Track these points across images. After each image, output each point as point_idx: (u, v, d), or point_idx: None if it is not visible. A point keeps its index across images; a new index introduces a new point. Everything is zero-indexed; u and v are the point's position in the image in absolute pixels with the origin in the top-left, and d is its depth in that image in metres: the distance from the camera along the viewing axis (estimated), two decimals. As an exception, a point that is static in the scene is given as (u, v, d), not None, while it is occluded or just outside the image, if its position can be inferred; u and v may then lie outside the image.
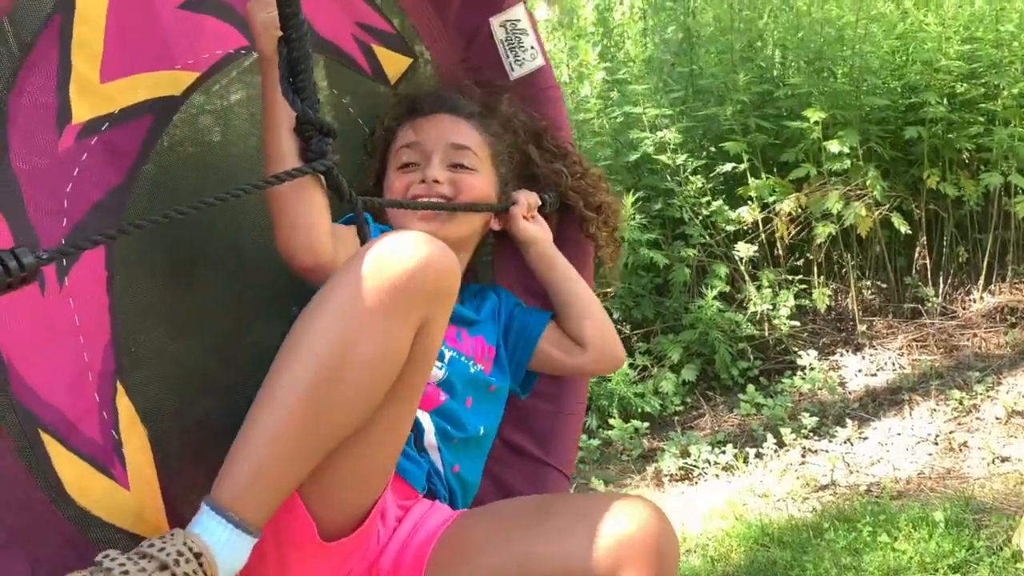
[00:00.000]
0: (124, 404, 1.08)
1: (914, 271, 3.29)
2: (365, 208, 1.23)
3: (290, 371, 0.96)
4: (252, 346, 1.29)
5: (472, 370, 1.38)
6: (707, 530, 2.34)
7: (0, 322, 0.95)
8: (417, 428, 1.29)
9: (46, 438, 0.98)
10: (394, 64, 1.54)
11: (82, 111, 1.05)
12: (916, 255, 3.29)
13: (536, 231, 1.49)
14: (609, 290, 2.97)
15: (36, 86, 1.00)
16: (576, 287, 1.50)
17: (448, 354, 1.34)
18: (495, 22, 1.54)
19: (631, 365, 3.02)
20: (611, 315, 3.11)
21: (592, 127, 3.35)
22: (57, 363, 1.01)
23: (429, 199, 1.38)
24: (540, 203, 1.52)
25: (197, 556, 0.86)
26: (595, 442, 2.85)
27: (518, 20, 1.52)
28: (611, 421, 2.87)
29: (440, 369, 1.33)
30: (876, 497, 2.40)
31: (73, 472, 1.01)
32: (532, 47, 1.56)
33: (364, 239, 1.20)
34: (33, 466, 0.97)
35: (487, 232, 1.51)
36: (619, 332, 3.03)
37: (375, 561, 1.20)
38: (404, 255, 0.98)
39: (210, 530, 0.90)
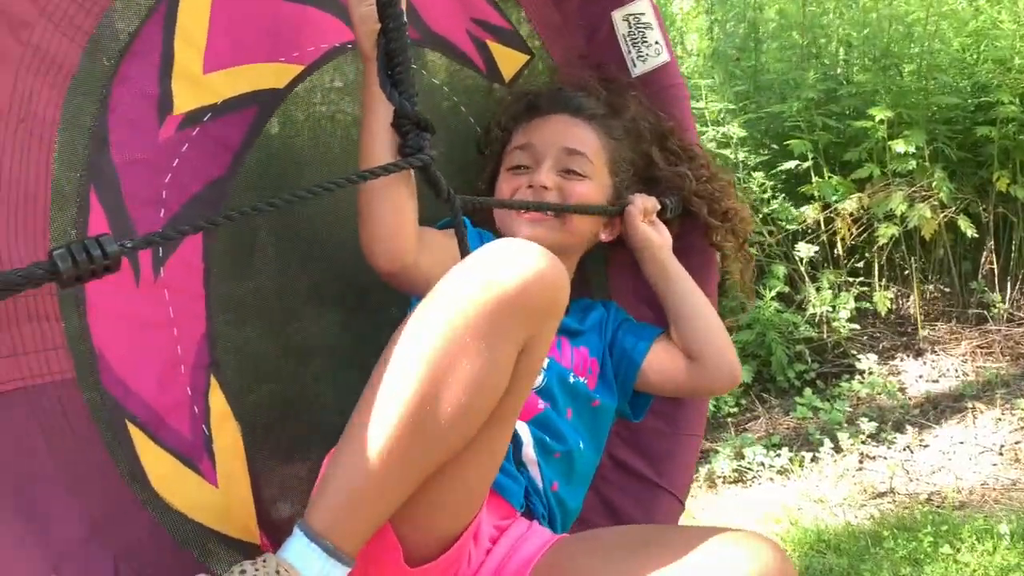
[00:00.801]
0: (217, 399, 1.07)
1: (980, 276, 3.20)
2: (464, 208, 1.18)
3: (389, 392, 0.89)
4: (349, 347, 1.28)
5: (571, 380, 1.31)
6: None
7: (91, 312, 0.95)
8: (515, 440, 1.21)
9: (133, 430, 0.98)
10: (510, 61, 1.48)
11: (184, 101, 1.04)
12: (983, 259, 3.20)
13: (652, 235, 1.39)
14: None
15: (139, 75, 1.00)
16: (691, 297, 1.40)
17: (545, 361, 1.25)
18: (618, 15, 1.46)
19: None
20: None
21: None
22: (148, 355, 1.01)
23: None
24: (660, 207, 1.42)
25: None
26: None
27: (643, 14, 1.44)
28: (664, 420, 2.85)
29: (539, 375, 1.24)
30: (937, 507, 2.35)
31: (158, 466, 1.00)
32: (657, 42, 1.47)
33: (461, 240, 1.16)
34: (119, 458, 0.96)
35: (595, 243, 1.43)
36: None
37: None
38: (513, 268, 0.89)
39: (304, 557, 0.84)
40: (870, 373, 2.94)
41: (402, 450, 0.87)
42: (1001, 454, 2.54)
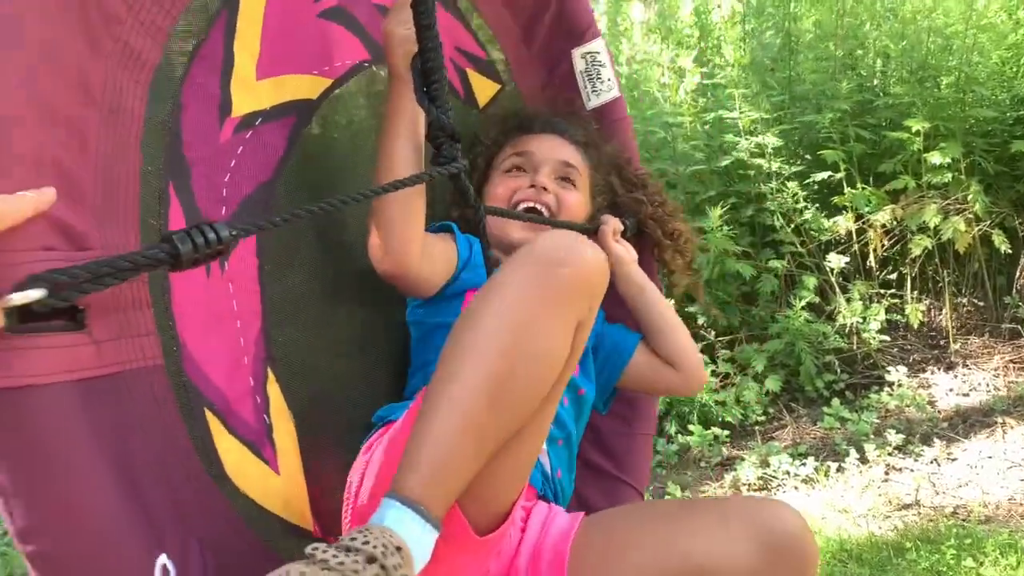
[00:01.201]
0: (274, 391, 1.11)
1: (1015, 290, 3.18)
2: (479, 217, 1.28)
3: (469, 367, 0.93)
4: (381, 346, 1.34)
5: None
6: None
7: (176, 301, 0.98)
8: None
9: (209, 417, 1.01)
10: (485, 89, 1.61)
11: (240, 105, 1.08)
12: (1017, 274, 3.17)
13: (623, 252, 1.52)
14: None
15: (205, 77, 1.04)
16: (666, 311, 1.53)
17: None
18: (577, 53, 1.61)
19: (713, 373, 3.00)
20: (695, 321, 3.11)
21: (685, 131, 3.34)
22: (220, 345, 1.04)
23: (533, 205, 1.43)
24: (623, 228, 1.56)
25: (398, 550, 0.83)
26: (673, 447, 2.85)
27: (598, 52, 1.59)
28: (690, 427, 2.87)
29: None
30: (962, 520, 2.34)
31: (232, 452, 1.03)
32: (609, 79, 1.62)
33: (485, 245, 1.28)
34: (198, 445, 0.99)
35: None
36: (703, 339, 3.05)
37: (512, 560, 1.20)
38: (577, 256, 0.97)
39: (402, 523, 0.86)
40: (899, 385, 2.94)
41: (482, 420, 0.92)
42: (1030, 470, 2.53)
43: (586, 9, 1.64)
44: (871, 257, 3.13)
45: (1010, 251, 3.03)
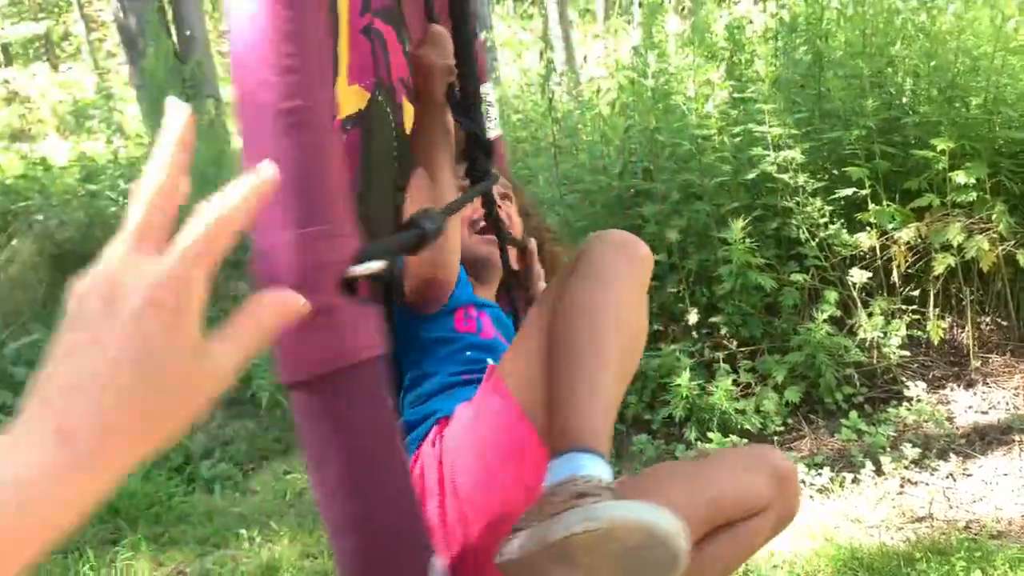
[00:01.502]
0: None
1: (1038, 310, 3.21)
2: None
3: (609, 331, 1.15)
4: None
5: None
6: (796, 548, 2.38)
7: None
8: None
9: None
10: (409, 114, 1.65)
11: (342, 108, 1.14)
12: (1041, 294, 3.20)
13: (540, 270, 1.71)
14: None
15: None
16: None
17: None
18: (484, 88, 1.69)
19: (734, 382, 3.06)
20: (719, 331, 3.18)
21: (713, 143, 3.41)
22: None
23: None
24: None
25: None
26: (692, 454, 2.91)
27: (487, 94, 1.66)
28: (710, 435, 2.93)
29: None
30: (974, 534, 2.38)
31: None
32: (496, 118, 1.70)
33: (503, 251, 1.46)
34: None
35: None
36: (726, 348, 3.10)
37: None
38: (643, 249, 1.21)
39: (596, 467, 1.04)
40: (918, 400, 2.98)
41: (620, 376, 1.16)
42: (1044, 487, 2.57)
43: (480, 46, 1.69)
44: (894, 273, 3.17)
45: (1033, 271, 3.05)
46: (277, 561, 2.62)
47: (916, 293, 3.23)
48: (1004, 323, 3.25)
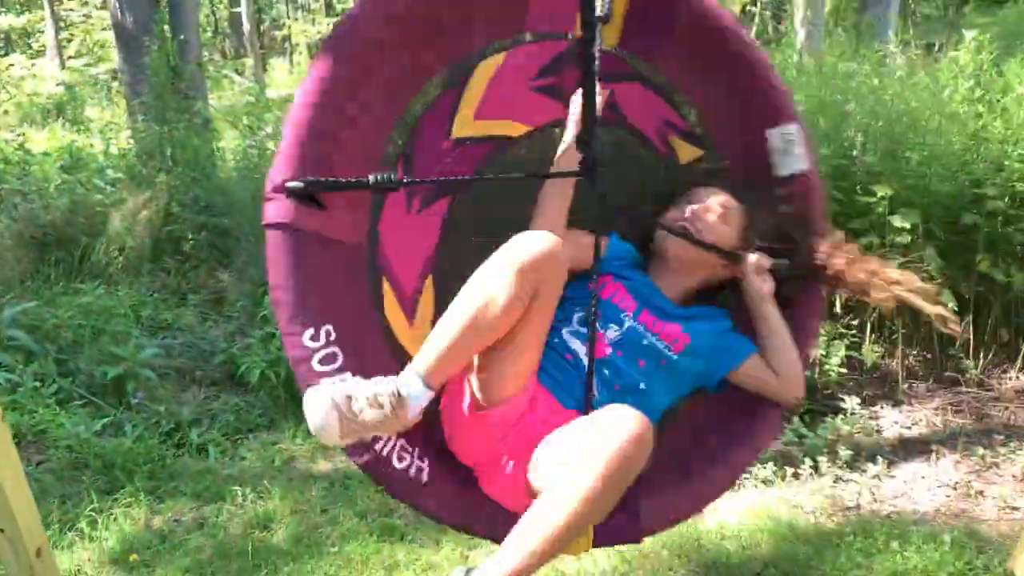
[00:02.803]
0: (427, 285, 1.88)
1: (958, 344, 3.62)
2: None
3: (464, 304, 1.53)
4: None
5: (645, 341, 1.83)
6: (742, 523, 2.70)
7: (385, 214, 1.78)
8: (581, 367, 1.76)
9: (385, 285, 1.78)
10: (686, 151, 2.05)
11: (458, 131, 1.89)
12: (961, 330, 3.61)
13: (759, 284, 1.87)
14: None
15: (437, 116, 1.86)
16: (780, 331, 1.85)
17: (628, 324, 1.84)
18: (773, 132, 1.90)
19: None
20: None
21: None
22: (404, 249, 1.81)
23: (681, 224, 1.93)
24: (767, 265, 1.88)
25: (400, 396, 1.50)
26: None
27: (791, 132, 1.88)
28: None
29: (616, 332, 1.84)
30: (894, 522, 2.73)
31: (392, 309, 1.78)
32: (799, 154, 1.88)
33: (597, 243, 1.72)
34: (377, 304, 1.74)
35: (717, 272, 1.95)
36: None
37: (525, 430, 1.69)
38: (528, 245, 1.51)
39: (413, 383, 1.53)
40: (852, 413, 3.35)
41: (466, 331, 1.52)
42: (955, 489, 2.93)
43: (784, 97, 1.89)
44: (837, 303, 3.56)
45: (956, 310, 3.46)
46: (271, 513, 2.84)
47: (856, 322, 3.62)
48: (928, 355, 3.66)
